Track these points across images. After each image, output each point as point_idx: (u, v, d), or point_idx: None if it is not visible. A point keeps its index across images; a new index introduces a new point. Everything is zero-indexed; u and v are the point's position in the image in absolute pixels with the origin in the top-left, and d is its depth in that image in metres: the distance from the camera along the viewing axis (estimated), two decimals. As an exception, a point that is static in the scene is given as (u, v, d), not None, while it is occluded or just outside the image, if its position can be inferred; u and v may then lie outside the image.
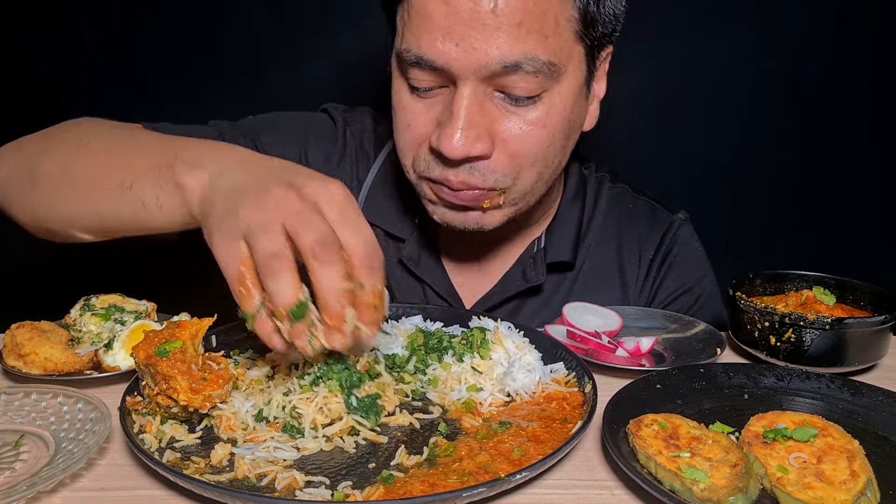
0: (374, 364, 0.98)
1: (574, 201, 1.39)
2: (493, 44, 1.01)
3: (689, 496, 0.74)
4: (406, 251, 1.34)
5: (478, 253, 1.39)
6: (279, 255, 0.79)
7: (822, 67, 1.83)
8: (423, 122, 1.12)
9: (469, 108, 1.06)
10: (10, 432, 0.86)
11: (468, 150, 1.06)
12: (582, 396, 0.96)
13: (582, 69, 1.12)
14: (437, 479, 0.78)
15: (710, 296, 1.42)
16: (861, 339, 1.07)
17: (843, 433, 0.85)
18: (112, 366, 1.01)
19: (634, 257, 1.39)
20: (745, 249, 1.96)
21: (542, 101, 1.08)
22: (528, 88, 1.06)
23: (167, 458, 0.82)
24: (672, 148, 1.92)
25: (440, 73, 1.06)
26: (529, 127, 1.09)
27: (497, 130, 1.09)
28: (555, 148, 1.14)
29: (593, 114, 1.24)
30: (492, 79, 1.05)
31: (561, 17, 1.04)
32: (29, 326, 1.05)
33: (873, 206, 1.95)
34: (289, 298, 0.80)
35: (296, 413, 0.88)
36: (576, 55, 1.10)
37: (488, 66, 1.02)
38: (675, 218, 1.42)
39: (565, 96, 1.10)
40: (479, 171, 1.10)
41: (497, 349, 1.04)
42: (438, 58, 1.04)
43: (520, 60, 1.02)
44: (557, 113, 1.10)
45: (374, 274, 0.83)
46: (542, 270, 1.33)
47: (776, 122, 1.88)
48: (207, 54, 1.89)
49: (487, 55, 1.02)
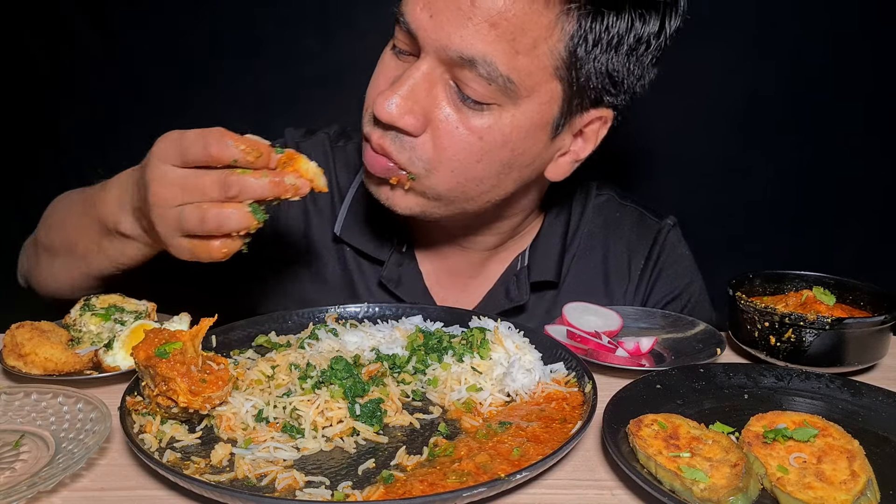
0: (379, 371, 0.98)
1: (559, 216, 1.36)
2: (460, 31, 1.00)
3: (689, 496, 0.74)
4: (385, 273, 1.32)
5: (460, 270, 1.37)
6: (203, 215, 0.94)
7: (820, 68, 1.83)
8: (386, 78, 1.11)
9: (417, 81, 1.05)
10: (10, 432, 0.86)
11: (395, 117, 1.05)
12: (582, 396, 0.96)
13: (552, 108, 1.08)
14: (435, 478, 0.78)
15: (697, 301, 1.41)
16: (861, 339, 1.07)
17: (843, 433, 0.85)
18: (112, 366, 1.01)
19: (622, 267, 1.37)
20: (745, 249, 1.96)
21: (491, 113, 1.06)
22: (478, 92, 1.04)
23: (167, 458, 0.82)
24: (671, 148, 1.92)
25: (412, 38, 1.06)
26: (466, 131, 1.06)
27: (435, 117, 1.07)
28: (486, 168, 1.10)
29: (563, 167, 1.19)
30: (450, 66, 1.04)
31: (542, 43, 1.02)
32: (29, 326, 1.05)
33: (873, 206, 1.95)
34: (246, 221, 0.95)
35: (296, 414, 0.89)
36: (548, 89, 1.06)
37: (447, 49, 1.02)
38: (663, 224, 1.40)
39: (518, 122, 1.07)
40: (400, 143, 1.09)
41: (497, 349, 1.04)
42: (412, 21, 1.04)
43: (477, 59, 1.01)
44: (501, 133, 1.07)
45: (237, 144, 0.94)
46: (526, 290, 1.32)
47: (775, 122, 1.88)
48: (207, 54, 1.89)
49: (450, 39, 1.01)
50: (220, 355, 0.93)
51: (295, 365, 0.98)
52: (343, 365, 0.95)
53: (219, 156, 0.93)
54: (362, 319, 1.20)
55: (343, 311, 1.21)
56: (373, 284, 1.34)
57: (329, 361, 0.97)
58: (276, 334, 1.14)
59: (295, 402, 0.90)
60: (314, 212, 1.37)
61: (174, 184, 0.95)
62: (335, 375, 0.94)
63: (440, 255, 1.36)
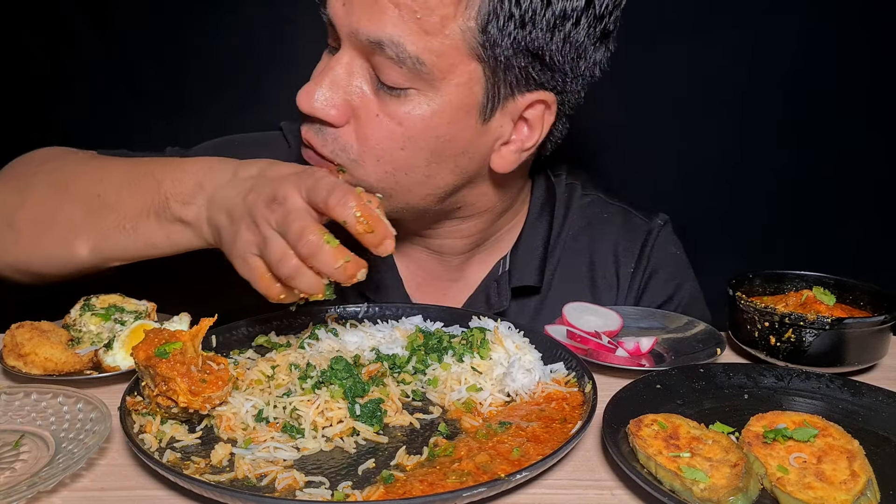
0: (379, 371, 0.98)
1: (541, 217, 1.33)
2: (367, 15, 1.00)
3: (689, 496, 0.74)
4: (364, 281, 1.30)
5: (438, 275, 1.35)
6: (284, 258, 0.91)
7: (820, 67, 1.83)
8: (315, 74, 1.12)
9: (337, 72, 1.06)
10: (10, 432, 0.86)
11: (316, 109, 1.06)
12: (582, 396, 0.96)
13: (474, 90, 1.05)
14: (435, 478, 0.78)
15: (689, 302, 1.38)
16: (861, 339, 1.07)
17: (843, 433, 0.85)
18: (112, 366, 1.01)
19: (610, 270, 1.34)
20: (745, 249, 1.96)
21: (409, 99, 1.05)
22: (392, 77, 1.03)
23: (167, 458, 0.82)
24: (671, 148, 1.91)
25: (334, 31, 1.07)
26: (386, 118, 1.06)
27: (355, 106, 1.07)
28: (412, 155, 1.08)
29: (507, 158, 1.14)
30: (367, 54, 1.04)
31: (451, 21, 1.00)
32: (29, 326, 1.05)
33: (873, 206, 1.95)
34: (314, 289, 0.93)
35: (296, 414, 0.89)
36: (466, 71, 1.04)
37: (357, 34, 1.02)
38: (653, 224, 1.37)
39: (438, 106, 1.05)
40: (323, 135, 1.09)
41: (497, 349, 1.04)
42: (330, 10, 1.06)
43: (384, 40, 1.00)
44: (420, 118, 1.05)
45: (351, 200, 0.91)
46: (507, 296, 1.30)
47: (775, 122, 1.88)
48: (207, 54, 1.89)
49: (359, 23, 1.01)
50: (220, 355, 0.93)
51: (295, 365, 0.98)
52: (343, 365, 0.95)
53: (333, 210, 0.90)
54: (362, 319, 1.20)
55: (343, 311, 1.21)
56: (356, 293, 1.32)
57: (329, 361, 0.97)
58: (276, 334, 1.14)
59: (295, 402, 0.90)
60: None
61: (287, 209, 0.91)
62: (335, 375, 0.94)
63: (417, 260, 1.34)
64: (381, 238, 0.93)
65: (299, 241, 0.89)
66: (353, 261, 0.92)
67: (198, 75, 1.91)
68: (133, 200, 1.08)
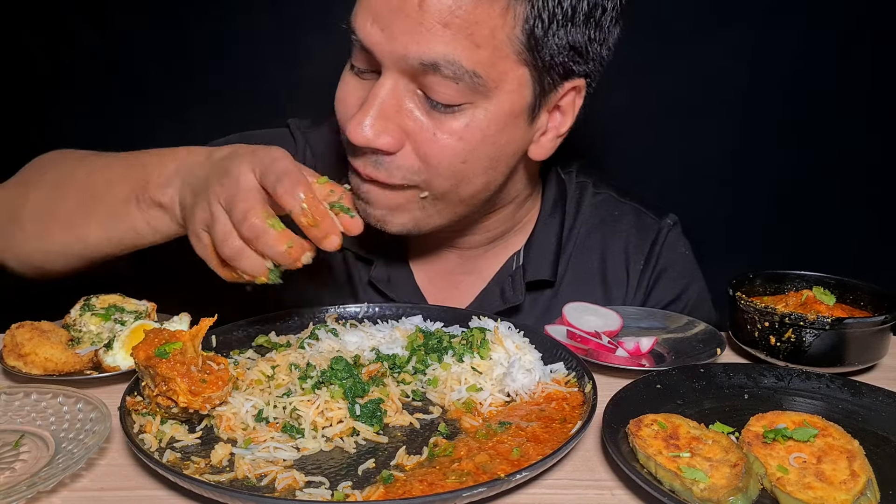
0: (379, 371, 0.98)
1: (553, 214, 1.35)
2: (415, 38, 0.99)
3: (689, 496, 0.74)
4: (375, 272, 1.31)
5: (452, 268, 1.36)
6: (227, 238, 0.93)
7: (821, 67, 1.83)
8: (352, 102, 1.10)
9: (385, 99, 1.04)
10: (10, 432, 0.86)
11: (370, 139, 1.05)
12: (582, 396, 0.96)
13: (524, 94, 1.07)
14: (435, 478, 0.78)
15: (696, 302, 1.39)
16: (861, 339, 1.07)
17: (843, 433, 0.85)
18: (112, 366, 1.01)
19: (620, 267, 1.36)
20: (745, 250, 1.96)
21: (464, 113, 1.05)
22: (448, 95, 1.02)
23: (167, 458, 0.82)
24: (671, 148, 1.91)
25: (370, 56, 1.05)
26: (444, 135, 1.05)
27: (410, 130, 1.06)
28: (473, 165, 1.09)
29: (545, 146, 1.17)
30: (414, 75, 1.03)
31: (499, 31, 1.00)
32: (29, 326, 1.05)
33: (873, 207, 1.95)
34: (257, 272, 0.94)
35: (296, 414, 0.89)
36: (515, 76, 1.05)
37: (406, 59, 1.00)
38: (663, 224, 1.38)
39: (493, 115, 1.06)
40: (385, 166, 1.08)
41: (497, 349, 1.04)
42: (365, 39, 1.03)
43: (439, 61, 0.99)
44: (479, 130, 1.06)
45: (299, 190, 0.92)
46: (522, 290, 1.31)
47: (776, 122, 1.88)
48: (207, 54, 1.89)
49: (407, 48, 1.00)
50: (220, 355, 0.93)
51: (295, 365, 0.98)
52: (343, 365, 0.95)
53: (280, 198, 0.92)
54: (362, 319, 1.20)
55: (343, 311, 1.21)
56: (366, 283, 1.34)
57: (329, 361, 0.97)
58: (276, 334, 1.14)
59: (295, 402, 0.90)
60: None
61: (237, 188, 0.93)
62: (335, 375, 0.94)
63: (431, 253, 1.35)
64: (324, 233, 0.93)
65: (243, 223, 0.91)
66: (296, 245, 0.93)
67: (198, 75, 1.91)
68: (120, 190, 1.10)
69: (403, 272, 1.33)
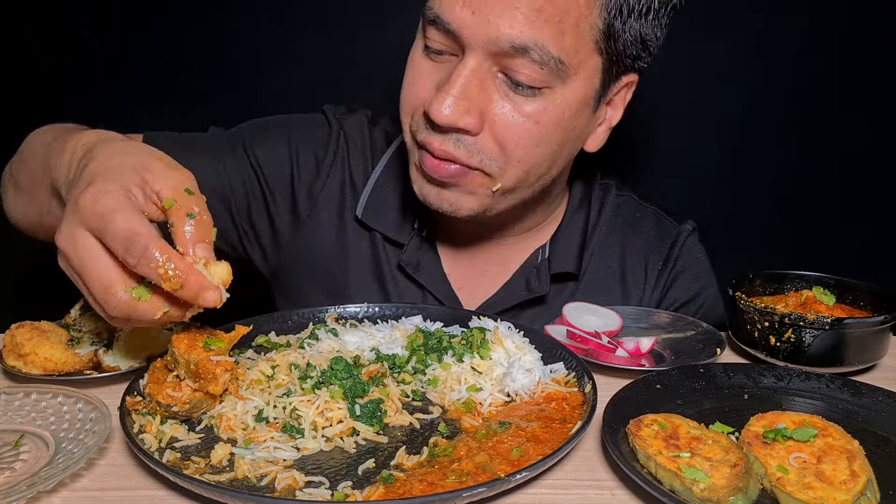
0: (379, 371, 0.98)
1: (579, 210, 1.38)
2: (508, 21, 1.02)
3: (689, 496, 0.74)
4: (405, 256, 1.34)
5: (478, 258, 1.38)
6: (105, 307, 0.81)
7: (823, 67, 1.83)
8: (426, 84, 1.12)
9: (468, 79, 1.06)
10: (10, 432, 0.86)
11: (455, 118, 1.06)
12: (582, 396, 0.96)
13: (594, 82, 1.11)
14: (435, 478, 0.78)
15: (710, 305, 1.42)
16: (861, 339, 1.07)
17: (843, 433, 0.85)
18: (112, 366, 1.01)
19: (639, 266, 1.39)
20: (745, 249, 1.96)
21: (543, 97, 1.08)
22: (531, 77, 1.05)
23: (167, 458, 0.82)
24: (671, 148, 1.91)
25: (453, 37, 1.06)
26: (522, 118, 1.08)
27: (490, 111, 1.08)
28: (544, 150, 1.13)
29: (599, 136, 1.23)
30: (499, 57, 1.05)
31: (584, 20, 1.04)
32: (29, 326, 1.05)
33: (873, 206, 1.95)
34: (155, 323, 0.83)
35: (296, 414, 0.89)
36: (591, 64, 1.09)
37: (498, 41, 1.03)
38: (682, 229, 1.41)
39: (568, 100, 1.09)
40: (465, 145, 1.10)
41: (497, 349, 1.04)
42: (453, 21, 1.04)
43: (529, 45, 1.02)
44: (555, 113, 1.09)
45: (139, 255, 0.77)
46: (547, 281, 1.33)
47: (777, 122, 1.88)
48: (207, 54, 1.89)
49: (499, 31, 1.02)
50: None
51: (295, 365, 0.98)
52: (343, 365, 0.95)
53: (134, 268, 0.78)
54: (362, 319, 1.20)
55: (343, 311, 1.21)
56: (394, 267, 1.36)
57: (329, 361, 0.97)
58: (276, 334, 1.14)
59: (295, 402, 0.90)
60: (350, 191, 1.39)
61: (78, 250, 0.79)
62: (335, 376, 0.94)
63: (460, 240, 1.38)
64: (193, 292, 0.79)
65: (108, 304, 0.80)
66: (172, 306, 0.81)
67: (198, 75, 1.91)
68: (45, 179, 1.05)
69: (432, 258, 1.36)
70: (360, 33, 1.81)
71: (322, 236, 1.38)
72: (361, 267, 1.37)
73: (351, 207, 1.38)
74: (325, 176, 1.38)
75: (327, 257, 1.38)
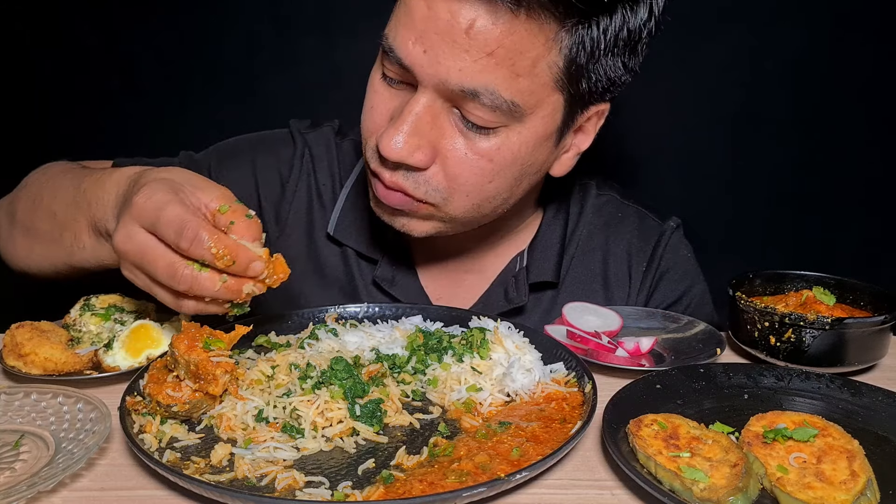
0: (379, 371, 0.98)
1: (557, 215, 1.36)
2: (457, 64, 0.98)
3: (689, 496, 0.74)
4: (379, 272, 1.32)
5: (455, 267, 1.36)
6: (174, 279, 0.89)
7: (821, 67, 1.83)
8: (383, 111, 1.10)
9: (419, 116, 1.04)
10: (10, 432, 0.86)
11: (404, 156, 1.05)
12: (582, 396, 0.96)
13: (556, 118, 1.08)
14: (435, 478, 0.78)
15: (698, 304, 1.40)
16: (861, 339, 1.07)
17: (843, 433, 0.85)
18: (112, 366, 1.01)
19: (622, 268, 1.36)
20: (745, 250, 1.96)
21: (497, 136, 1.05)
22: (483, 119, 1.03)
23: (167, 458, 0.82)
24: (671, 148, 1.92)
25: (406, 71, 1.04)
26: (475, 156, 1.06)
27: (442, 146, 1.06)
28: (499, 184, 1.11)
29: (566, 163, 1.20)
30: (451, 97, 1.03)
31: (541, 60, 1.00)
32: (29, 326, 1.05)
33: (873, 206, 1.95)
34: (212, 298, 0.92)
35: (296, 414, 0.89)
36: (550, 102, 1.06)
37: (447, 83, 1.00)
38: (665, 227, 1.39)
39: (524, 138, 1.07)
40: (412, 178, 1.09)
41: (497, 349, 1.04)
42: (405, 57, 1.02)
43: (479, 90, 0.99)
44: (510, 152, 1.07)
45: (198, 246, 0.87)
46: (525, 291, 1.31)
47: (775, 122, 1.88)
48: (207, 55, 1.89)
49: (448, 73, 0.99)
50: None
51: (295, 365, 0.98)
52: (343, 365, 0.95)
53: (187, 252, 0.88)
54: (362, 319, 1.20)
55: (343, 311, 1.21)
56: (369, 283, 1.34)
57: (329, 362, 0.97)
58: (276, 334, 1.14)
59: (295, 402, 0.90)
60: (318, 208, 1.37)
61: (137, 244, 0.90)
62: (335, 376, 0.94)
63: (435, 253, 1.36)
64: (244, 265, 0.90)
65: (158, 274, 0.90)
66: (230, 280, 0.91)
67: (198, 75, 1.91)
68: (79, 217, 1.09)
69: (407, 272, 1.34)
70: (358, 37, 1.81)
71: (294, 257, 1.34)
72: (334, 284, 1.35)
73: (321, 225, 1.36)
74: (291, 195, 1.36)
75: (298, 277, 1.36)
